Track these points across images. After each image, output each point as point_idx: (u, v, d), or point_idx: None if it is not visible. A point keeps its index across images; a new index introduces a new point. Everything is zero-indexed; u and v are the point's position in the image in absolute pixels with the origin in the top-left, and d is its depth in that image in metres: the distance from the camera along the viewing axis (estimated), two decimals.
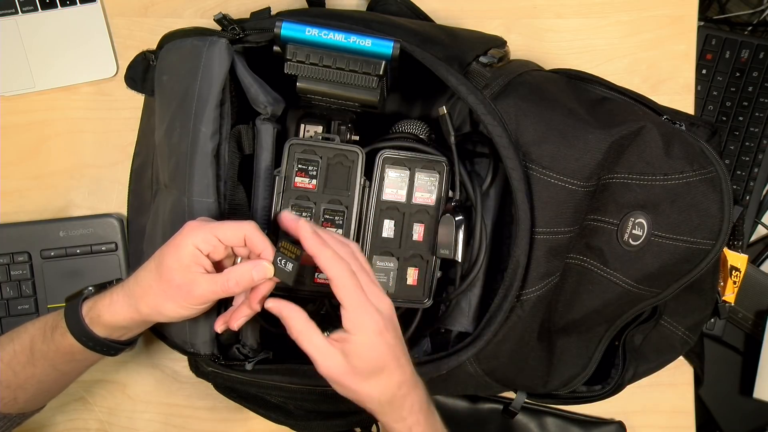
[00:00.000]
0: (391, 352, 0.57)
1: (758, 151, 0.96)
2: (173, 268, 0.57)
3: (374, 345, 0.56)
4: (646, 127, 0.66)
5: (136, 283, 0.59)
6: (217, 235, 0.57)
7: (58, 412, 0.81)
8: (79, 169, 0.82)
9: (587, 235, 0.68)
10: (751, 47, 0.96)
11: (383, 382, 0.57)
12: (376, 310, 0.56)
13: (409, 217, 0.68)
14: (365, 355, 0.56)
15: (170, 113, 0.67)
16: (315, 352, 0.56)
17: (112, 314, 0.60)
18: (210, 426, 0.82)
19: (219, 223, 0.58)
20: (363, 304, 0.55)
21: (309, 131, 0.69)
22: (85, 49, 0.82)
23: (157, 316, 0.60)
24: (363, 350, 0.56)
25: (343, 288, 0.55)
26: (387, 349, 0.56)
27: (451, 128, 0.67)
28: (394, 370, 0.57)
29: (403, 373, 0.58)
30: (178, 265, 0.57)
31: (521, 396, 0.76)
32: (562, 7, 0.84)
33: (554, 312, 0.70)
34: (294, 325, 0.57)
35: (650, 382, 0.79)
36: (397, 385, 0.58)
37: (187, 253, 0.57)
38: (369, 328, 0.56)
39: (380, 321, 0.56)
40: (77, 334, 0.60)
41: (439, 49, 0.66)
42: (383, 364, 0.57)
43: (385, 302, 0.57)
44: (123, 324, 0.61)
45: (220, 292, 0.58)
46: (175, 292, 0.58)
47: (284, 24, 0.63)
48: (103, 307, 0.60)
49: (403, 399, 0.58)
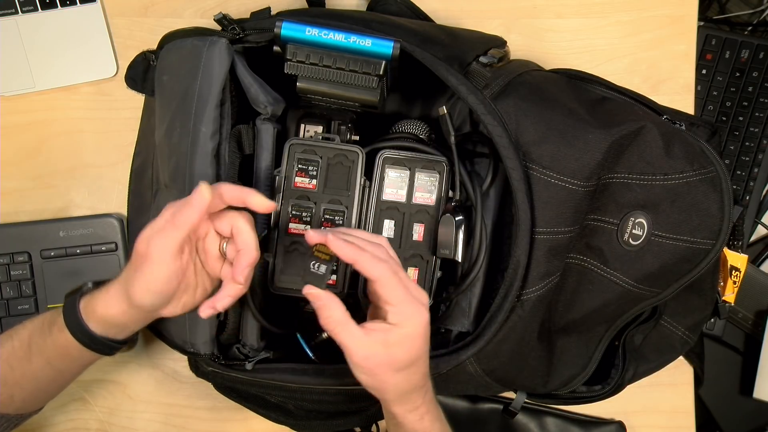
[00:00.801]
0: (425, 345, 0.58)
1: (758, 151, 0.96)
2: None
3: (419, 337, 0.57)
4: (646, 126, 0.66)
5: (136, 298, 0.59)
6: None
7: (58, 412, 0.81)
8: (79, 169, 0.82)
9: (587, 235, 0.68)
10: (751, 47, 0.96)
11: (412, 373, 0.58)
12: (421, 303, 0.57)
13: (409, 217, 0.68)
14: (407, 346, 0.57)
15: (170, 113, 0.67)
16: (353, 342, 0.56)
17: (106, 307, 0.59)
18: (210, 426, 0.82)
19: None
20: (409, 299, 0.56)
21: (309, 131, 0.69)
22: (85, 49, 0.82)
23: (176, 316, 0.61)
24: (407, 342, 0.57)
25: (389, 286, 0.56)
26: (424, 342, 0.58)
27: (451, 128, 0.67)
28: (423, 362, 0.59)
29: (425, 364, 0.60)
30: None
31: (521, 396, 0.76)
32: (562, 7, 0.84)
33: (554, 312, 0.70)
34: (331, 314, 0.56)
35: (650, 382, 0.79)
36: (422, 376, 0.60)
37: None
38: (417, 320, 0.57)
39: (426, 313, 0.57)
40: (73, 330, 0.60)
41: (439, 49, 0.66)
42: (419, 356, 0.58)
43: (424, 296, 0.58)
44: (116, 316, 0.60)
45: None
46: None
47: (284, 24, 0.63)
48: (99, 301, 0.60)
49: (421, 389, 0.60)
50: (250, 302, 0.67)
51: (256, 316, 0.67)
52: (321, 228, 0.66)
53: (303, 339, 0.70)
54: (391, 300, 0.56)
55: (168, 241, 0.56)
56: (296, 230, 0.66)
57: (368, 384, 0.59)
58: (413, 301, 0.57)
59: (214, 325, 0.66)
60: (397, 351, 0.57)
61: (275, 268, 0.66)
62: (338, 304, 0.57)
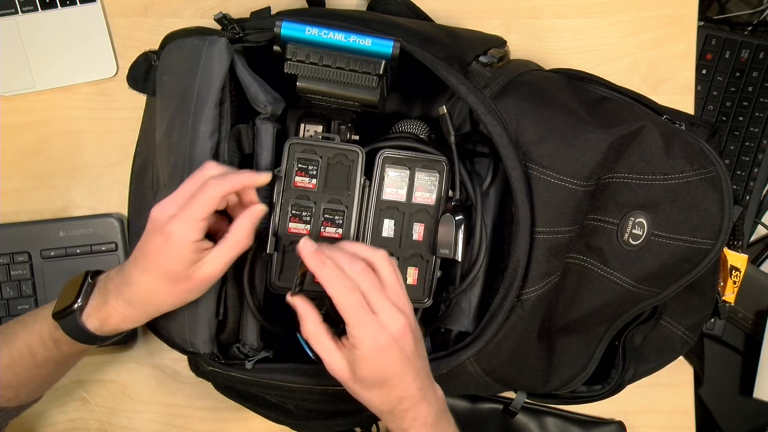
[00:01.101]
0: (394, 368, 0.57)
1: (758, 151, 0.96)
2: (182, 270, 0.58)
3: (375, 360, 0.56)
4: (646, 126, 0.66)
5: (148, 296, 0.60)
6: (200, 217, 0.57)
7: (58, 412, 0.81)
8: (79, 169, 0.82)
9: (587, 235, 0.68)
10: (751, 47, 0.96)
11: (383, 394, 0.58)
12: (379, 326, 0.56)
13: (409, 217, 0.68)
14: (365, 367, 0.56)
15: (170, 112, 0.67)
16: (324, 354, 0.58)
17: (131, 324, 0.62)
18: (210, 426, 0.82)
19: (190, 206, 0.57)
20: (363, 322, 0.55)
21: (309, 131, 0.69)
22: (85, 49, 0.82)
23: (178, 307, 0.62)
24: (364, 363, 0.56)
25: (341, 304, 0.56)
26: (390, 365, 0.56)
27: (451, 128, 0.67)
28: (396, 385, 0.58)
29: (405, 389, 0.58)
30: (186, 265, 0.58)
31: (521, 396, 0.76)
32: (562, 7, 0.84)
33: (554, 312, 0.70)
34: (305, 325, 0.58)
35: (650, 382, 0.79)
36: (397, 399, 0.58)
37: (189, 252, 0.57)
38: (369, 344, 0.56)
39: (383, 338, 0.56)
40: (90, 342, 0.62)
41: (439, 48, 0.66)
42: (384, 378, 0.57)
43: (397, 320, 0.56)
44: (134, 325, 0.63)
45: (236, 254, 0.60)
46: (194, 286, 0.60)
47: (284, 23, 0.63)
48: (119, 323, 0.61)
49: (404, 412, 0.59)
50: (250, 302, 0.67)
51: (256, 315, 0.67)
52: (320, 226, 0.66)
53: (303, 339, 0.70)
54: (345, 319, 0.56)
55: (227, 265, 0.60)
56: (296, 230, 0.66)
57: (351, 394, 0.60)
58: (367, 325, 0.55)
59: (214, 324, 0.66)
60: (358, 370, 0.57)
61: (275, 267, 0.66)
62: (312, 315, 0.58)
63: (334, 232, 0.66)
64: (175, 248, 0.57)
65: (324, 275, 0.56)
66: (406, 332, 0.57)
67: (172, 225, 0.57)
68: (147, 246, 0.59)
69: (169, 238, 0.57)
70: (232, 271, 0.66)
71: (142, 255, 0.59)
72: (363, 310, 0.56)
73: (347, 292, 0.56)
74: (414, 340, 0.58)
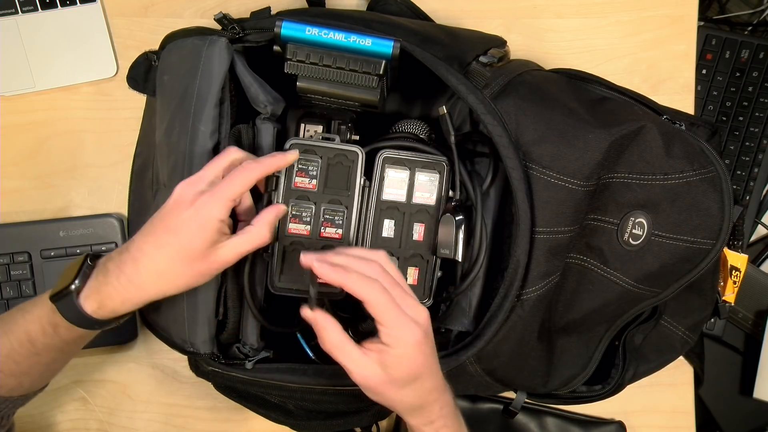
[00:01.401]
0: (426, 361, 0.58)
1: (758, 151, 0.96)
2: (203, 249, 0.58)
3: (413, 356, 0.56)
4: (646, 126, 0.66)
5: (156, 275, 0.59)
6: (233, 197, 0.58)
7: (58, 412, 0.81)
8: (79, 169, 0.82)
9: (587, 235, 0.68)
10: (751, 47, 0.96)
11: (417, 389, 0.58)
12: (413, 322, 0.56)
13: (410, 217, 0.68)
14: (404, 366, 0.56)
15: (170, 112, 0.67)
16: (351, 364, 0.57)
17: (130, 307, 0.60)
18: (210, 426, 0.82)
19: (224, 184, 0.58)
20: (400, 319, 0.56)
21: (309, 131, 0.69)
22: (85, 49, 0.82)
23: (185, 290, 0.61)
24: (402, 362, 0.56)
25: (377, 306, 0.55)
26: (423, 359, 0.57)
27: (451, 128, 0.67)
28: (428, 377, 0.58)
29: (435, 379, 0.59)
30: (208, 244, 0.58)
31: (521, 396, 0.76)
32: (562, 7, 0.84)
33: (554, 312, 0.70)
34: (329, 337, 0.57)
35: (650, 382, 0.79)
36: (429, 390, 0.59)
37: (214, 230, 0.58)
38: (408, 341, 0.56)
39: (419, 333, 0.56)
40: (87, 326, 0.61)
41: (439, 48, 0.66)
42: (419, 373, 0.58)
43: (421, 313, 0.57)
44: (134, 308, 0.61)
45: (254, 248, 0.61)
46: (209, 267, 0.59)
47: (284, 23, 0.63)
48: (117, 306, 0.60)
49: (434, 403, 0.59)
50: (250, 302, 0.66)
51: (257, 316, 0.67)
52: (320, 227, 0.66)
53: (303, 339, 0.70)
54: (381, 321, 0.56)
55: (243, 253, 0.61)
56: (296, 230, 0.66)
57: (374, 399, 0.59)
58: (404, 321, 0.56)
59: (214, 324, 0.66)
60: (395, 371, 0.56)
61: (275, 268, 0.66)
62: (334, 326, 0.57)
63: (334, 233, 0.66)
64: (203, 224, 0.57)
65: (351, 282, 0.55)
66: (429, 323, 0.58)
67: (202, 200, 0.57)
68: (168, 220, 0.58)
69: (198, 213, 0.57)
70: (232, 270, 0.66)
71: (161, 230, 0.58)
72: (397, 308, 0.56)
73: (379, 293, 0.55)
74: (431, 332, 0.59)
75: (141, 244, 0.59)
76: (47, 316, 0.61)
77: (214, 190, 0.58)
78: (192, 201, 0.58)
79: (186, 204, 0.58)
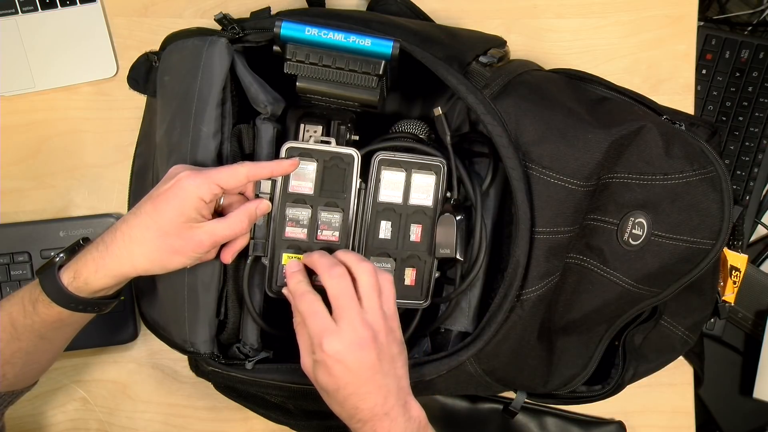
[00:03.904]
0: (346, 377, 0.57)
1: (758, 151, 0.96)
2: (178, 223, 0.58)
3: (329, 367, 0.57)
4: (646, 126, 0.66)
5: (129, 242, 0.59)
6: (219, 182, 0.59)
7: (58, 412, 0.81)
8: (79, 169, 0.82)
9: (587, 235, 0.68)
10: (751, 47, 0.96)
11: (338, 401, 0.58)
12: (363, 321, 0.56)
13: (406, 218, 0.68)
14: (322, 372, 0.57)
15: (171, 113, 0.67)
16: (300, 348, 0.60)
17: (102, 278, 0.59)
18: (210, 426, 0.82)
19: (214, 170, 0.59)
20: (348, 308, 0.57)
21: (308, 131, 0.69)
22: (85, 49, 0.82)
23: (158, 270, 0.60)
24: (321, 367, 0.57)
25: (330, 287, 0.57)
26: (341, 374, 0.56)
27: (447, 129, 0.67)
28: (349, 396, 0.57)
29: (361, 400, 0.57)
30: (183, 219, 0.58)
31: (521, 396, 0.76)
32: (562, 7, 0.84)
33: (554, 312, 0.70)
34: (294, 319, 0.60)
35: (650, 382, 0.79)
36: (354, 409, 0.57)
37: (191, 206, 0.58)
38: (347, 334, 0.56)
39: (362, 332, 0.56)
40: (64, 303, 0.60)
41: (439, 48, 0.66)
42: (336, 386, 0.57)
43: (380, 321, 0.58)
44: (114, 284, 0.61)
45: (230, 235, 0.61)
46: (182, 245, 0.59)
47: (284, 23, 0.63)
48: (90, 274, 0.59)
49: (362, 423, 0.58)
50: (250, 305, 0.66)
51: (256, 320, 0.67)
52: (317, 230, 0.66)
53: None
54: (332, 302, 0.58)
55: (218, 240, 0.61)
56: (293, 234, 0.66)
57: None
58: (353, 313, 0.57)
59: (214, 324, 0.66)
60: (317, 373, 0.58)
61: (273, 271, 0.66)
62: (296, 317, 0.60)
63: (331, 235, 0.66)
64: (181, 196, 0.58)
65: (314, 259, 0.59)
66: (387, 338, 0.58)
67: (186, 174, 0.58)
68: (153, 192, 0.59)
69: (179, 185, 0.58)
70: (232, 271, 0.66)
71: (144, 200, 0.60)
72: (351, 299, 0.57)
73: (338, 277, 0.57)
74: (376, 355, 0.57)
75: (126, 216, 0.60)
76: (29, 292, 0.61)
77: (201, 170, 0.59)
78: (177, 175, 0.59)
79: (171, 177, 0.59)
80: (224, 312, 0.67)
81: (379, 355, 0.57)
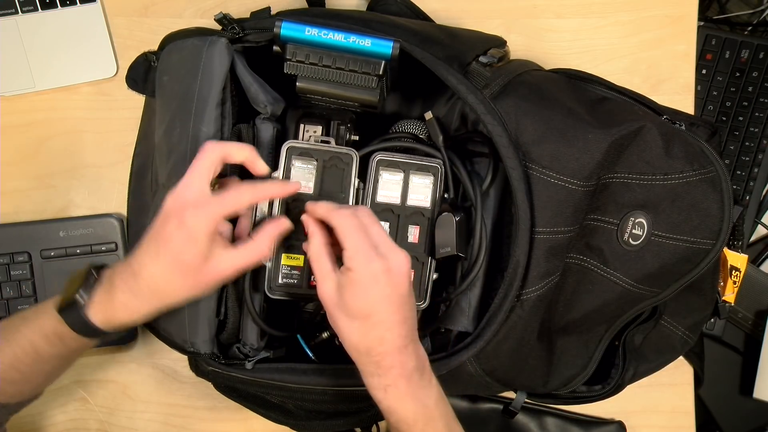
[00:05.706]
0: (382, 303, 0.56)
1: (758, 151, 0.96)
2: (196, 262, 0.58)
3: (364, 287, 0.55)
4: (646, 126, 0.66)
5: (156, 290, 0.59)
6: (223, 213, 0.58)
7: (58, 412, 0.81)
8: (79, 169, 0.82)
9: (587, 235, 0.68)
10: (751, 47, 0.96)
11: (364, 330, 0.56)
12: (377, 254, 0.56)
13: (404, 219, 0.67)
14: (358, 293, 0.56)
15: (170, 113, 0.67)
16: (317, 273, 0.58)
17: (130, 315, 0.61)
18: (210, 426, 0.82)
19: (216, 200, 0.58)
20: (363, 246, 0.56)
21: (308, 131, 0.69)
22: (85, 49, 0.82)
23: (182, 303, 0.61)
24: (352, 288, 0.56)
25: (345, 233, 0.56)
26: (378, 297, 0.56)
27: (439, 132, 0.67)
28: (379, 322, 0.56)
29: (388, 329, 0.56)
30: (200, 257, 0.58)
31: (521, 396, 0.76)
32: (562, 7, 0.84)
33: (554, 312, 0.70)
34: (311, 245, 0.59)
35: (650, 382, 0.79)
36: (378, 339, 0.56)
37: (203, 244, 0.57)
38: (365, 271, 0.55)
39: (376, 265, 0.55)
40: (95, 336, 0.62)
41: (439, 49, 0.66)
42: (369, 311, 0.56)
43: (396, 253, 0.57)
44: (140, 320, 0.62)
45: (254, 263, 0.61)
46: (208, 280, 0.59)
47: (284, 24, 0.63)
48: (124, 318, 0.61)
49: (382, 356, 0.57)
50: (250, 306, 0.66)
51: (256, 320, 0.67)
52: None
53: (303, 339, 0.70)
54: (345, 245, 0.56)
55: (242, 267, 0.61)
56: None
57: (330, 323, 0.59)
58: (367, 249, 0.56)
59: (214, 324, 0.66)
60: (347, 295, 0.56)
61: (272, 272, 0.66)
62: (320, 235, 0.59)
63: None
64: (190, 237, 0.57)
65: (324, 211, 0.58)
66: (402, 269, 0.57)
67: (188, 214, 0.57)
68: (161, 232, 0.58)
69: (184, 226, 0.57)
70: None
71: (155, 242, 0.59)
72: (362, 235, 0.56)
73: (348, 218, 0.57)
74: (409, 285, 0.57)
75: (140, 257, 0.59)
76: (52, 326, 0.61)
77: (201, 204, 0.58)
78: (178, 213, 0.57)
79: (173, 216, 0.58)
80: (224, 312, 0.67)
81: (410, 287, 0.58)
